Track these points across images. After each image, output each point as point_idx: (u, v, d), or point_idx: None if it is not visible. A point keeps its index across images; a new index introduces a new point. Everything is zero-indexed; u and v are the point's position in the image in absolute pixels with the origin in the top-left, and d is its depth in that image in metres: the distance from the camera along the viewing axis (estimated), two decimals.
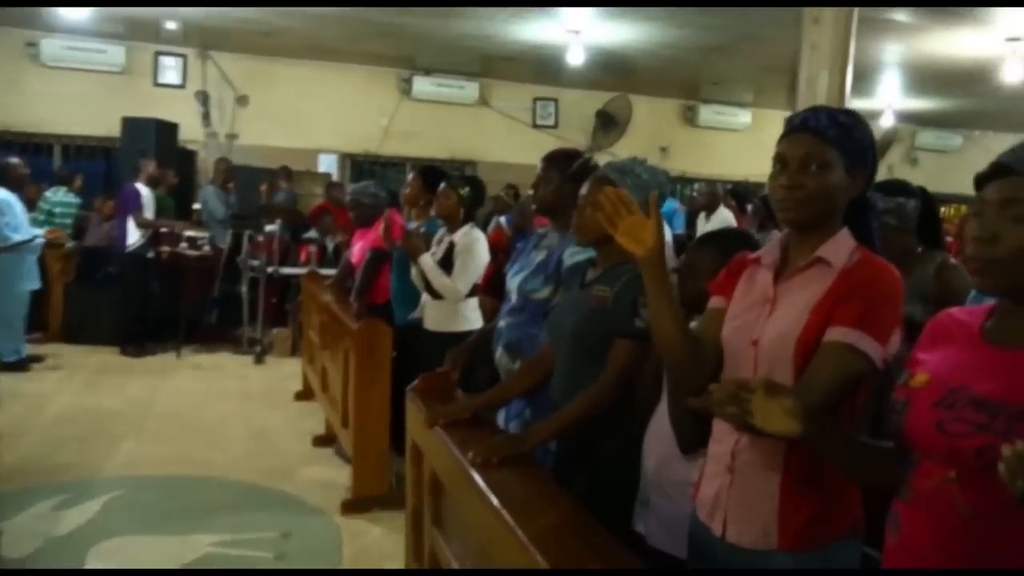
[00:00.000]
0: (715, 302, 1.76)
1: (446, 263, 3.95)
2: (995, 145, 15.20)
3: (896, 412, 1.35)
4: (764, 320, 1.62)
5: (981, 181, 1.31)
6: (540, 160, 2.84)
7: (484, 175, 10.92)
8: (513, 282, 2.85)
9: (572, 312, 2.31)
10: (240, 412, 5.97)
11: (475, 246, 3.94)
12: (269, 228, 7.98)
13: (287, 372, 7.05)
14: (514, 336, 2.79)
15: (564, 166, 2.77)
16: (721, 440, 1.67)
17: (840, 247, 1.61)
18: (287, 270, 7.93)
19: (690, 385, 1.63)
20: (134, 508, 4.14)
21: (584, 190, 2.34)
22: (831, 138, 1.57)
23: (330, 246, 8.34)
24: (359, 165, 11.48)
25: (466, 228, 4.02)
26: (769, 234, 7.06)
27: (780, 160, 1.60)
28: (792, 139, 1.60)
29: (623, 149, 11.83)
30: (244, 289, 7.83)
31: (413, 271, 4.04)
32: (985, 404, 1.23)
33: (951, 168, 13.33)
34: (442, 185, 4.07)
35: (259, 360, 7.59)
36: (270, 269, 7.71)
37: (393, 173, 11.49)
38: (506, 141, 11.66)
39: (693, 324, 1.87)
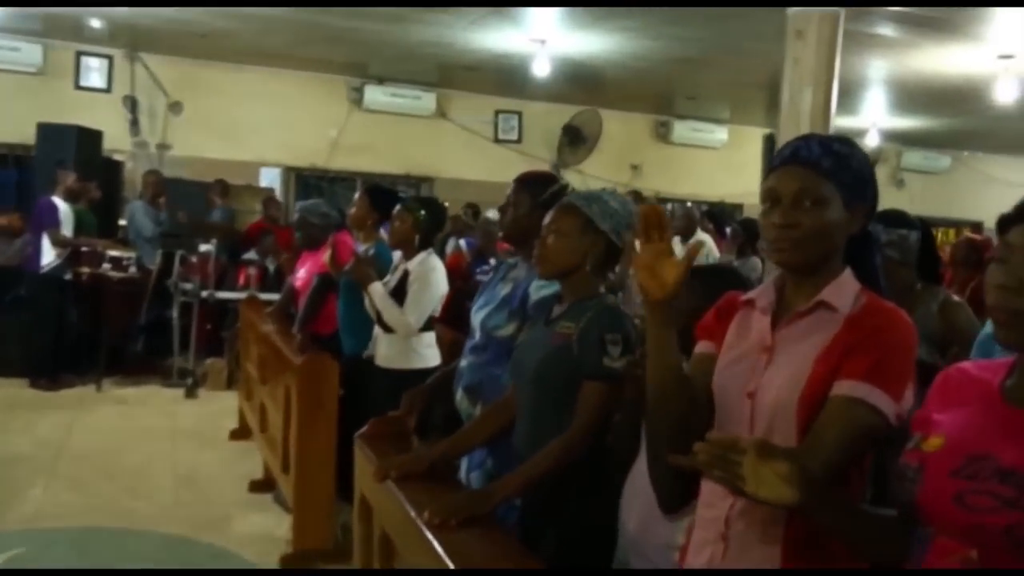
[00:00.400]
0: (703, 347, 1.73)
1: (399, 293, 3.93)
2: (985, 167, 15.63)
3: (907, 480, 1.32)
4: (761, 371, 1.59)
5: (1005, 224, 1.29)
6: (512, 182, 2.85)
7: (441, 193, 10.97)
8: (476, 317, 2.83)
9: (535, 351, 2.31)
10: (168, 453, 5.87)
11: (431, 276, 3.94)
12: (204, 248, 7.92)
13: (222, 408, 6.98)
14: (475, 377, 2.77)
15: (536, 191, 2.76)
16: (713, 504, 1.63)
17: (844, 290, 1.59)
18: (223, 294, 7.89)
19: (678, 441, 1.59)
20: (40, 567, 4.00)
21: (548, 219, 2.34)
22: (825, 170, 1.55)
23: (271, 269, 8.28)
24: (305, 180, 11.43)
25: (422, 255, 4.01)
26: (748, 260, 7.14)
27: (771, 196, 1.58)
28: (783, 173, 1.58)
29: (592, 166, 12.03)
30: (175, 315, 7.76)
31: (367, 300, 4.03)
32: (1012, 476, 1.20)
33: (939, 191, 13.64)
34: (396, 208, 4.07)
35: (190, 394, 7.51)
36: (204, 293, 7.66)
37: (342, 190, 11.44)
38: (465, 156, 11.68)
39: None
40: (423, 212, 4.01)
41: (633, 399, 1.99)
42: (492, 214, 8.21)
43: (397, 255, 4.21)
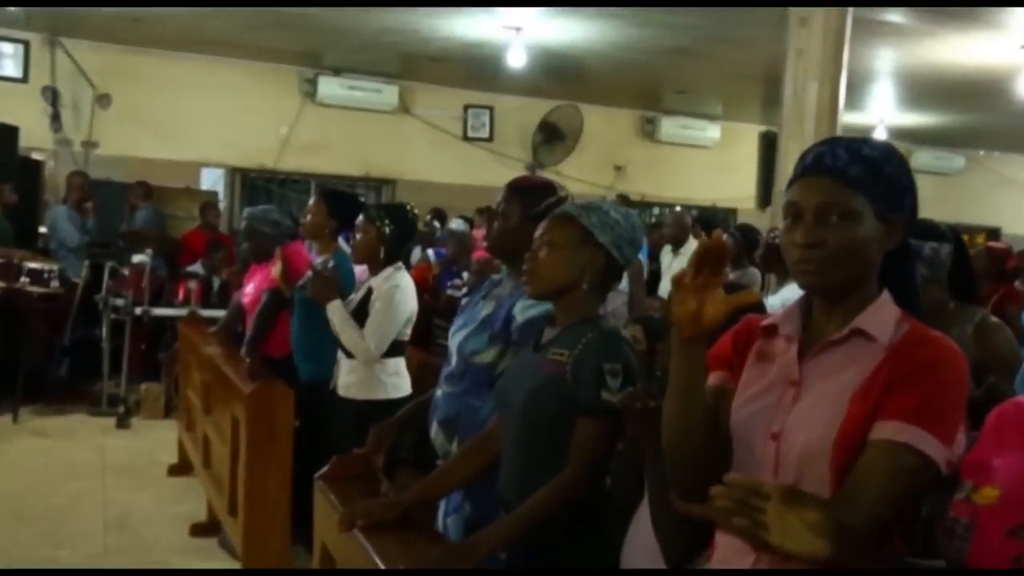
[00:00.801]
0: (717, 379, 1.70)
1: (361, 313, 3.90)
2: (1003, 167, 15.77)
3: (956, 537, 1.29)
4: (787, 408, 1.56)
5: None
6: (504, 188, 2.80)
7: (404, 196, 10.97)
8: (454, 341, 2.78)
9: (523, 382, 2.28)
10: (96, 493, 5.79)
11: (395, 295, 3.91)
12: (137, 259, 7.84)
13: (159, 439, 6.90)
14: (452, 409, 2.72)
15: (529, 202, 2.71)
16: (728, 560, 1.59)
17: (883, 316, 1.57)
18: (160, 311, 7.81)
19: (691, 487, 1.57)
20: None
21: (540, 230, 2.32)
22: (854, 179, 1.53)
23: (216, 283, 8.24)
24: (252, 183, 11.43)
25: (388, 271, 3.99)
26: (747, 272, 7.15)
27: (793, 211, 1.56)
28: (805, 184, 1.56)
29: (571, 167, 12.08)
30: (104, 334, 7.68)
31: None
32: None
33: (952, 193, 13.79)
34: (359, 219, 4.03)
35: (123, 424, 7.42)
36: (138, 310, 7.59)
37: (294, 193, 11.44)
38: (431, 156, 11.75)
39: None
40: (388, 222, 3.98)
41: (633, 437, 1.98)
42: (457, 224, 8.20)
43: (361, 270, 4.17)
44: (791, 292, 5.23)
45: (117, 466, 6.36)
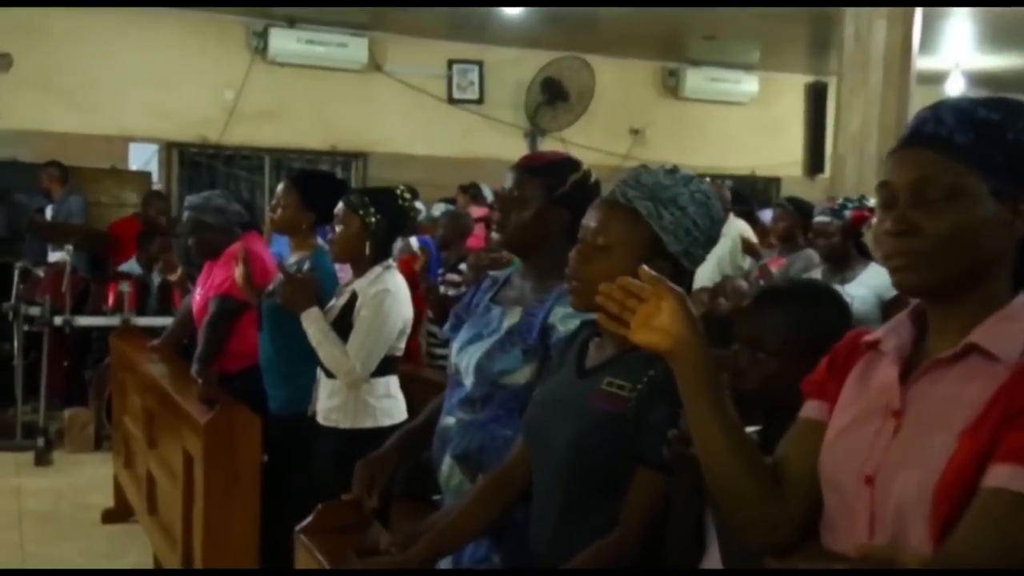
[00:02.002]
0: (810, 411, 1.71)
1: (344, 324, 3.91)
2: None
3: None
4: (885, 445, 1.54)
5: None
6: (511, 170, 2.77)
7: (378, 172, 10.96)
8: (464, 356, 2.76)
9: (568, 416, 2.23)
10: (11, 546, 5.77)
11: (385, 301, 3.92)
12: (55, 257, 7.88)
13: (89, 478, 6.90)
14: (473, 441, 2.68)
15: (551, 182, 2.68)
16: None
17: (1011, 328, 1.51)
18: (86, 320, 7.79)
19: (761, 539, 1.60)
20: None
21: (591, 224, 2.26)
22: (961, 148, 1.50)
23: (154, 283, 8.20)
24: (192, 160, 11.38)
25: (376, 272, 3.99)
26: (801, 254, 7.09)
27: (884, 194, 1.55)
28: (899, 158, 1.55)
29: (578, 133, 12.03)
30: (16, 350, 7.67)
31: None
32: None
33: None
34: (339, 207, 4.01)
35: (43, 460, 7.40)
36: (58, 319, 7.57)
37: (244, 172, 11.45)
38: (409, 123, 11.72)
39: (752, 430, 1.86)
40: (374, 211, 3.95)
41: (685, 489, 1.99)
42: (439, 209, 8.11)
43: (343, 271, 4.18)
44: (874, 277, 5.14)
45: (37, 513, 6.35)
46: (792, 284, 2.25)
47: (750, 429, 1.82)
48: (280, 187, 4.69)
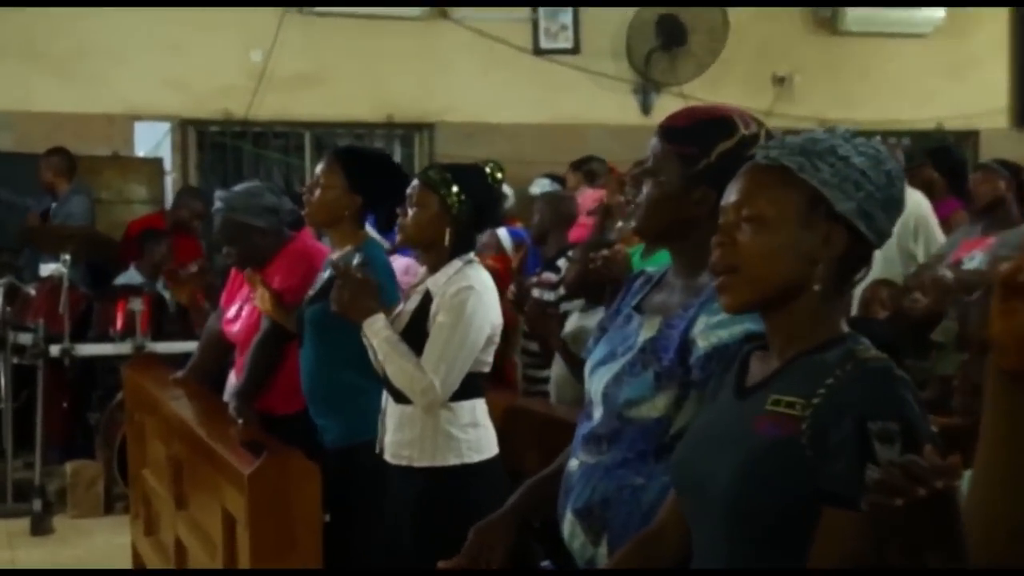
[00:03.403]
0: None
1: (416, 333, 4.01)
2: None
3: None
4: None
5: None
6: (655, 135, 2.79)
7: (446, 149, 11.22)
8: (593, 380, 2.82)
9: (725, 449, 2.27)
10: None
11: (469, 302, 4.02)
12: (49, 269, 8.03)
13: (100, 550, 7.08)
14: (597, 492, 2.74)
15: (691, 150, 2.72)
16: None
17: None
18: (89, 349, 7.97)
19: None
20: None
21: (734, 194, 2.29)
22: None
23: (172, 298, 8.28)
24: (212, 140, 11.60)
25: (456, 265, 4.11)
26: (1015, 231, 6.86)
27: None
28: None
29: (704, 87, 12.18)
30: (2, 389, 7.89)
31: (369, 350, 4.15)
32: None
33: None
34: (413, 184, 4.16)
35: (41, 527, 7.54)
36: (55, 349, 7.73)
37: (278, 153, 11.70)
38: (485, 84, 11.86)
39: None
40: (459, 191, 4.07)
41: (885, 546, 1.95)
42: (539, 187, 7.96)
43: (405, 265, 4.26)
44: None
45: None
46: None
47: None
48: (320, 165, 4.79)
